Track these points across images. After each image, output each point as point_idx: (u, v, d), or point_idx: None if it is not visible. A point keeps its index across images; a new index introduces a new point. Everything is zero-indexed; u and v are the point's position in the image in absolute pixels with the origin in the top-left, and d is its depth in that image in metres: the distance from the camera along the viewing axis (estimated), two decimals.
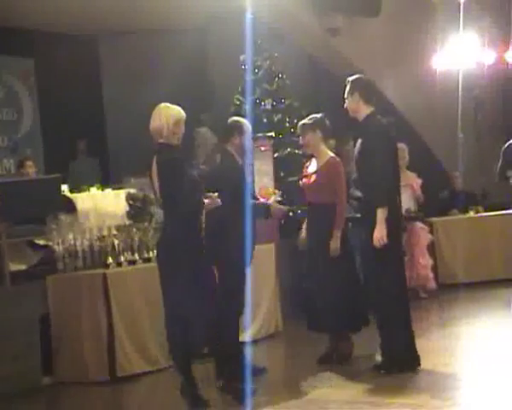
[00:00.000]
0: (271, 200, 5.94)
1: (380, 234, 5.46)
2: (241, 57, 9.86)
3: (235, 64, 9.98)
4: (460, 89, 11.01)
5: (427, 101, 11.36)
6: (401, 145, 7.47)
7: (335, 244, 5.97)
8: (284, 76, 10.07)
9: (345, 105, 5.78)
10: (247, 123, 5.85)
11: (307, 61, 11.78)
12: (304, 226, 6.27)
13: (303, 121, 6.25)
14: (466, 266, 9.60)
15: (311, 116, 6.28)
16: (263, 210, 5.75)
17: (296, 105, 9.93)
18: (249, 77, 9.76)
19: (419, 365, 5.59)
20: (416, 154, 9.21)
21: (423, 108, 11.55)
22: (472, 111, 12.10)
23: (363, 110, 5.68)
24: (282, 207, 5.91)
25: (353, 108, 5.73)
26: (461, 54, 11.15)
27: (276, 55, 10.09)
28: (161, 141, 4.99)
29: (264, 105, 9.75)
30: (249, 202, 5.37)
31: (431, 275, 9.16)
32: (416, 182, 9.12)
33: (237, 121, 5.81)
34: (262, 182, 8.73)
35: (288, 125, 9.80)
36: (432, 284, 9.16)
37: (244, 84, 9.80)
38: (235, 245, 5.39)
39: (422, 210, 9.28)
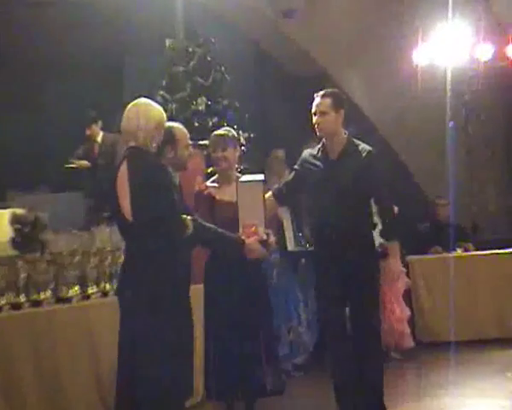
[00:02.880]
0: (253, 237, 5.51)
1: None
2: (168, 42, 9.83)
3: (160, 51, 9.95)
4: (447, 92, 11.19)
5: (404, 107, 11.51)
6: None
7: None
8: (223, 68, 10.07)
9: (314, 120, 5.79)
10: (180, 128, 5.82)
11: (253, 51, 11.88)
12: None
13: (220, 132, 6.44)
14: (450, 321, 9.69)
15: (225, 128, 6.55)
16: (232, 246, 5.45)
17: (237, 106, 9.94)
18: (178, 68, 9.73)
19: None
20: (388, 174, 9.31)
21: (399, 116, 11.71)
22: (462, 121, 12.32)
23: (341, 134, 5.77)
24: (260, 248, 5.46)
25: (332, 128, 5.78)
26: (449, 48, 11.37)
27: (212, 40, 10.08)
28: (134, 144, 5.03)
29: (197, 105, 9.73)
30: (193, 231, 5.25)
31: (408, 330, 9.22)
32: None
33: (168, 129, 5.70)
34: None
35: None
36: (408, 342, 9.21)
37: (170, 77, 9.76)
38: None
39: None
